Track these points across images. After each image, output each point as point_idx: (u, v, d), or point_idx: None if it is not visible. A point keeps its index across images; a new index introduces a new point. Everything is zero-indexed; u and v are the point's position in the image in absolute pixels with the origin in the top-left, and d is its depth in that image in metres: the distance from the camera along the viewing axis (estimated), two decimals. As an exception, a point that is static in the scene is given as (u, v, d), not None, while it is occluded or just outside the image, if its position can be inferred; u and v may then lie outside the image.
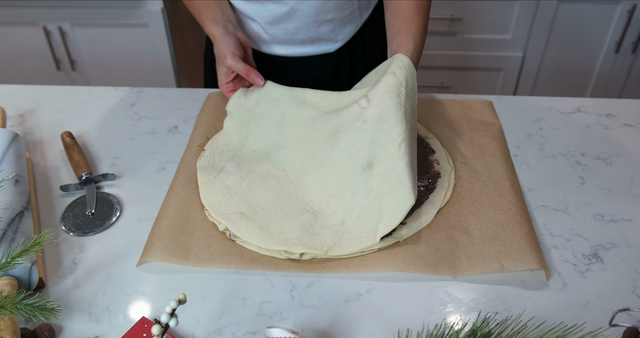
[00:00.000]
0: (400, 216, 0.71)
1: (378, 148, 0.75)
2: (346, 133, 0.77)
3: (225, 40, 0.88)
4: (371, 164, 0.75)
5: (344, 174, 0.77)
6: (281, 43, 1.02)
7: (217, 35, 0.90)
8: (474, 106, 0.99)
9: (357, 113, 0.78)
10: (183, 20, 2.01)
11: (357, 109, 0.78)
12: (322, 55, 1.05)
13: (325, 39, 1.02)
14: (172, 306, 0.51)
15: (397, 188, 0.72)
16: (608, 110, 0.99)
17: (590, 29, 1.88)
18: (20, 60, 2.01)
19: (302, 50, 1.03)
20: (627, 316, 0.64)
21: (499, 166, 0.84)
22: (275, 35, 1.00)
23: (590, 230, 0.76)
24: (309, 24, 0.97)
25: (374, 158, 0.75)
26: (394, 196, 0.72)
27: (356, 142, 0.76)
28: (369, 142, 0.75)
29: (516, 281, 0.69)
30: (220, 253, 0.72)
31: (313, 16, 0.96)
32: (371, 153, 0.75)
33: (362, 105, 0.77)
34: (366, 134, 0.75)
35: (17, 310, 0.56)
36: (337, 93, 0.87)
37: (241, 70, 0.87)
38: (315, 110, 0.86)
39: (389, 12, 0.87)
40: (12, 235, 0.68)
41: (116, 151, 0.92)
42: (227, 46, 0.88)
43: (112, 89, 1.08)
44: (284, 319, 0.65)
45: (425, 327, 0.63)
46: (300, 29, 0.98)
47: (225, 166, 0.84)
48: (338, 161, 0.78)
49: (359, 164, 0.76)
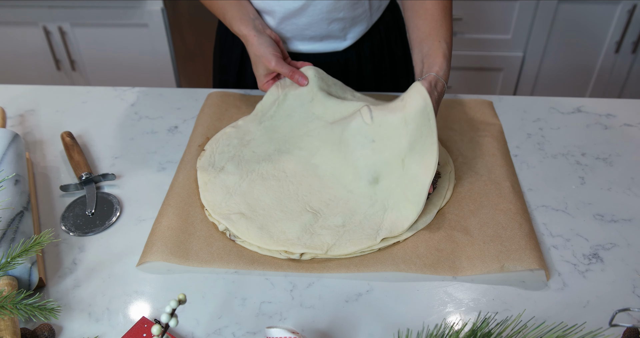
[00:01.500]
0: (403, 228, 0.73)
1: (384, 166, 0.77)
2: (351, 148, 0.79)
3: (262, 43, 0.91)
4: (377, 180, 0.77)
5: (348, 187, 0.78)
6: (290, 39, 1.02)
7: (249, 37, 0.91)
8: (474, 106, 0.99)
9: (361, 128, 0.79)
10: (183, 20, 2.01)
11: (361, 123, 0.79)
12: (330, 53, 1.05)
13: (335, 37, 1.02)
14: (172, 306, 0.51)
15: (402, 203, 0.74)
16: (608, 110, 0.99)
17: (590, 29, 1.88)
18: (20, 60, 2.01)
19: (310, 46, 1.03)
20: (627, 316, 0.64)
21: (499, 166, 0.84)
22: (285, 30, 1.00)
23: (590, 230, 0.76)
24: (320, 20, 0.98)
25: (379, 174, 0.77)
26: (398, 211, 0.74)
27: (361, 158, 0.78)
28: (375, 159, 0.77)
29: (516, 281, 0.69)
30: (220, 253, 0.72)
31: (325, 13, 0.96)
32: (377, 169, 0.77)
33: (367, 121, 0.78)
34: (372, 153, 0.77)
35: (17, 310, 0.56)
36: (341, 103, 0.88)
37: (287, 73, 0.90)
38: (320, 121, 0.88)
39: (413, 13, 0.88)
40: (12, 235, 0.68)
41: (116, 151, 0.92)
42: (267, 48, 0.90)
43: (112, 89, 1.08)
44: (284, 319, 0.65)
45: (425, 327, 0.63)
46: (311, 25, 0.99)
47: (225, 166, 0.84)
48: (342, 175, 0.80)
49: (364, 178, 0.78)
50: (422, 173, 0.74)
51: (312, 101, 0.90)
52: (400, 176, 0.76)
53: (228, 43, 1.10)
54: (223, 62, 1.13)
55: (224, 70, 1.13)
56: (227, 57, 1.12)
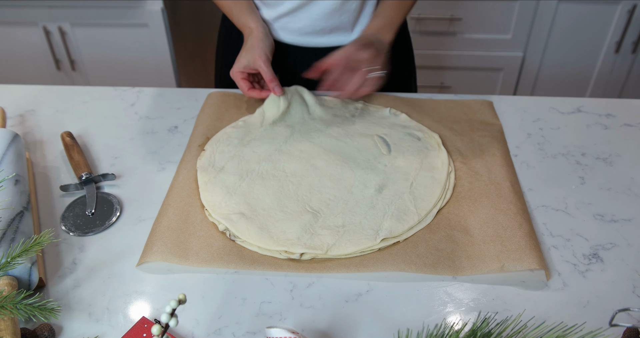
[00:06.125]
0: (403, 229, 0.73)
1: (392, 183, 0.81)
2: (361, 167, 0.83)
3: (264, 40, 0.95)
4: (381, 190, 0.79)
5: (351, 190, 0.79)
6: (299, 30, 1.02)
7: (256, 31, 0.96)
8: (474, 106, 0.99)
9: (375, 154, 0.86)
10: (183, 20, 2.01)
11: (374, 151, 0.87)
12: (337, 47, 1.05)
13: (343, 29, 1.03)
14: (172, 306, 0.51)
15: (403, 213, 0.76)
16: (608, 110, 0.99)
17: (590, 29, 1.88)
18: (20, 60, 2.01)
19: (318, 40, 1.04)
20: (627, 316, 0.64)
21: (499, 166, 0.84)
22: (297, 19, 1.01)
23: (590, 230, 0.76)
24: (333, 11, 0.99)
25: (384, 186, 0.80)
26: (397, 218, 0.75)
27: (370, 173, 0.82)
28: (383, 177, 0.81)
29: (516, 281, 0.69)
30: (220, 253, 0.72)
31: (339, 4, 0.98)
32: (384, 184, 0.80)
33: (384, 152, 0.87)
34: (383, 174, 0.82)
35: (17, 310, 0.56)
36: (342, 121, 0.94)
37: (267, 75, 0.92)
38: (324, 133, 0.91)
39: None
40: (12, 235, 0.68)
41: (116, 151, 0.92)
42: (266, 47, 0.94)
43: (112, 89, 1.08)
44: (284, 319, 0.65)
45: (425, 327, 0.63)
46: (323, 15, 0.99)
47: (225, 166, 0.84)
48: (343, 178, 0.81)
49: (369, 187, 0.80)
50: (428, 192, 0.79)
51: (313, 116, 0.95)
52: (404, 192, 0.79)
53: (234, 39, 1.10)
54: (228, 59, 1.13)
55: (231, 66, 1.14)
56: (233, 53, 1.12)
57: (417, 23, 1.91)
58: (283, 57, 1.07)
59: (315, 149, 0.87)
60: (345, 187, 0.80)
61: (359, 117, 0.95)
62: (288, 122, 0.93)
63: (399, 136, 0.90)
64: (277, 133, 0.90)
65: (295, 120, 0.93)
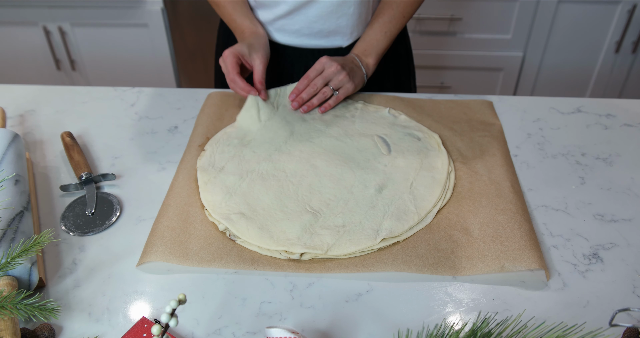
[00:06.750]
0: (403, 229, 0.74)
1: (392, 183, 0.81)
2: (361, 167, 0.83)
3: (266, 45, 0.97)
4: (381, 190, 0.79)
5: (351, 190, 0.80)
6: (297, 32, 1.02)
7: (260, 33, 0.98)
8: (474, 106, 0.99)
9: (375, 154, 0.86)
10: (183, 20, 2.01)
11: (374, 151, 0.87)
12: (334, 49, 1.05)
13: (341, 33, 1.03)
14: (172, 306, 0.51)
15: (403, 213, 0.76)
16: (608, 110, 0.99)
17: (590, 29, 1.88)
18: (20, 60, 2.01)
19: (316, 42, 1.04)
20: (627, 316, 0.64)
21: (499, 166, 0.84)
22: (294, 21, 1.01)
23: (590, 230, 0.76)
24: (330, 13, 0.99)
25: (384, 186, 0.80)
26: (397, 218, 0.75)
27: (370, 173, 0.82)
28: (383, 177, 0.81)
29: (516, 281, 0.69)
30: (220, 253, 0.72)
31: (335, 6, 0.98)
32: (384, 184, 0.80)
33: (384, 152, 0.86)
34: (383, 174, 0.82)
35: (17, 310, 0.56)
36: (343, 121, 0.94)
37: (258, 76, 0.92)
38: (324, 133, 0.91)
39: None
40: (12, 235, 0.68)
41: (116, 151, 0.92)
42: (267, 51, 0.95)
43: (112, 89, 1.08)
44: (284, 319, 0.65)
45: (425, 327, 0.63)
46: (320, 18, 0.99)
47: (225, 166, 0.84)
48: (343, 178, 0.81)
49: (369, 187, 0.80)
50: (428, 192, 0.79)
51: (313, 116, 0.96)
52: (404, 192, 0.79)
53: (233, 39, 1.10)
54: None
55: None
56: None
57: (417, 23, 1.91)
58: (280, 58, 1.07)
59: (315, 149, 0.87)
60: (345, 187, 0.80)
61: (359, 117, 0.95)
62: (284, 117, 0.93)
63: (398, 136, 0.90)
64: (277, 133, 0.90)
65: (292, 117, 0.93)
